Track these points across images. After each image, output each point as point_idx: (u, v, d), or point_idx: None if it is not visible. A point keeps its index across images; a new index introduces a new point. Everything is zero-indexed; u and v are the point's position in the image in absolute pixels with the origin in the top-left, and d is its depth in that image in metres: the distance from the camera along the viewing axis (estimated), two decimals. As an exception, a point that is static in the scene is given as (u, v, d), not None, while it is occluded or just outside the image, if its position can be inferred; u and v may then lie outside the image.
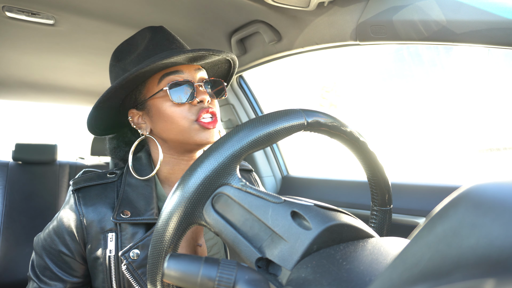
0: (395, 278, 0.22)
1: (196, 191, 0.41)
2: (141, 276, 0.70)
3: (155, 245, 0.42)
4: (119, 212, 0.73)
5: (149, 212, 0.74)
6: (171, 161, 0.81)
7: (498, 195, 0.20)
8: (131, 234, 0.73)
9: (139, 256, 0.71)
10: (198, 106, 0.76)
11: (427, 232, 0.22)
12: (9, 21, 1.13)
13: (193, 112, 0.76)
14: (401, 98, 2.21)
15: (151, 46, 0.79)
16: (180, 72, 0.78)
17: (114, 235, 0.73)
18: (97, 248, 0.73)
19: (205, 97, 0.76)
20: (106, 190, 0.77)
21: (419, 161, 2.06)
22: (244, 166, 1.00)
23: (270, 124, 0.43)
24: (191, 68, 0.80)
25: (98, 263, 0.73)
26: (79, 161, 2.51)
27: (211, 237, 0.84)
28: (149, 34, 0.82)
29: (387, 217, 0.60)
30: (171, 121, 0.75)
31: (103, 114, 0.81)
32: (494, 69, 1.36)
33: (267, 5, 1.05)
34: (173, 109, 0.75)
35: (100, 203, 0.75)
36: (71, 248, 0.73)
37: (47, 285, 0.74)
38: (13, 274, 1.96)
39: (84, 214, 0.73)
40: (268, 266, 0.39)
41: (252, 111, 1.81)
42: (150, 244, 0.43)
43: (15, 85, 1.92)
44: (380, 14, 0.87)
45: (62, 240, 0.74)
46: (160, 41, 0.81)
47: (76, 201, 0.75)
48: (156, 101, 0.77)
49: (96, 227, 0.73)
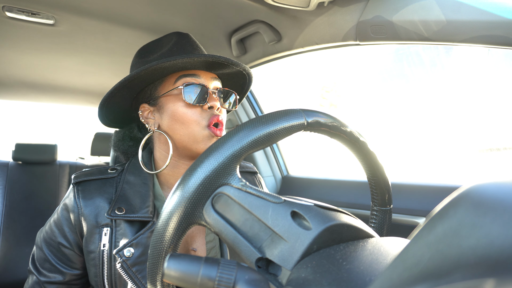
0: (395, 278, 0.22)
1: (196, 191, 0.41)
2: (136, 274, 0.71)
3: (155, 245, 0.42)
4: (114, 209, 0.74)
5: (144, 210, 0.75)
6: (172, 163, 0.82)
7: (498, 195, 0.20)
8: (125, 230, 0.74)
9: (134, 254, 0.71)
10: (209, 112, 0.78)
11: (427, 232, 0.22)
12: (9, 21, 1.13)
13: (204, 117, 0.77)
14: (401, 98, 2.21)
15: (175, 48, 0.82)
16: (197, 76, 0.80)
17: (109, 230, 0.74)
18: (92, 241, 0.74)
19: (216, 103, 0.78)
20: (105, 185, 0.79)
21: (419, 161, 2.06)
22: (249, 168, 1.01)
23: (270, 124, 0.43)
24: (208, 75, 0.82)
25: (91, 256, 0.74)
26: (79, 161, 2.51)
27: (210, 240, 0.84)
28: (175, 38, 0.85)
29: (387, 217, 0.60)
30: (181, 121, 0.77)
31: (115, 104, 0.83)
32: (494, 69, 1.36)
33: (267, 5, 1.05)
34: (185, 110, 0.77)
35: (98, 198, 0.76)
36: (70, 240, 0.75)
37: (46, 278, 0.75)
38: (13, 274, 1.96)
39: (82, 207, 0.75)
40: (268, 266, 0.39)
41: (252, 111, 1.81)
42: (150, 244, 0.43)
43: (15, 85, 1.92)
44: (380, 14, 0.87)
45: (61, 232, 0.76)
46: (184, 45, 0.84)
47: (75, 194, 0.76)
48: (169, 98, 0.79)
49: (92, 221, 0.74)
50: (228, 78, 0.91)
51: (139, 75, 0.75)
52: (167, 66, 0.75)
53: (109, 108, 0.83)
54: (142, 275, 0.71)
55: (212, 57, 0.76)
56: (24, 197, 2.12)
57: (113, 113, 0.86)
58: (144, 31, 1.25)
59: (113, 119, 0.89)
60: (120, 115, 0.88)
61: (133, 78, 0.75)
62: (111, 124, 0.91)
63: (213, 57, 0.76)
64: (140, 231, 0.74)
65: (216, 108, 0.78)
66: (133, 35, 1.28)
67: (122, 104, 0.84)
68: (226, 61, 0.78)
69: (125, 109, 0.87)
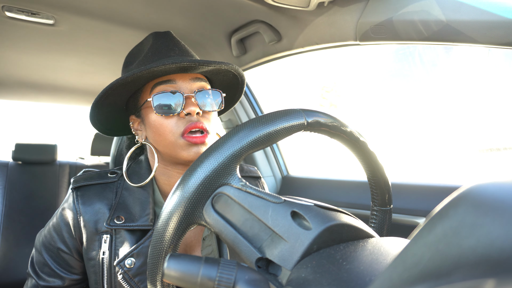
0: (395, 278, 0.22)
1: (196, 191, 0.41)
2: (138, 284, 0.69)
3: (155, 245, 0.42)
4: (113, 218, 0.72)
5: (144, 218, 0.73)
6: (166, 172, 0.79)
7: (498, 195, 0.20)
8: (125, 238, 0.72)
9: (135, 264, 0.70)
10: (186, 119, 0.72)
11: (427, 232, 0.22)
12: (9, 21, 1.13)
13: (180, 125, 0.72)
14: (401, 98, 2.21)
15: (150, 53, 0.77)
16: (172, 81, 0.73)
17: (108, 237, 0.72)
18: (92, 248, 0.72)
19: (194, 109, 0.71)
20: (105, 190, 0.77)
21: (419, 161, 2.06)
22: (252, 173, 0.97)
23: (270, 124, 0.43)
24: (186, 78, 0.75)
25: (91, 264, 0.72)
26: (79, 161, 2.51)
27: (209, 244, 0.83)
28: (151, 41, 0.80)
29: (387, 217, 0.60)
30: (158, 132, 0.73)
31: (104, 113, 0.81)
32: (494, 69, 1.36)
33: (267, 5, 1.05)
34: (160, 121, 0.72)
35: (98, 203, 0.74)
36: (69, 246, 0.74)
37: (45, 282, 0.74)
38: (13, 274, 1.96)
39: (82, 213, 0.73)
40: (268, 266, 0.39)
41: (252, 111, 1.81)
42: (150, 244, 0.43)
43: (15, 85, 1.92)
44: (380, 14, 0.87)
45: (60, 238, 0.74)
46: (159, 48, 0.78)
47: (74, 200, 0.74)
48: (147, 109, 0.75)
49: (92, 228, 0.72)
50: (214, 74, 0.82)
51: (107, 94, 0.72)
52: (136, 77, 0.69)
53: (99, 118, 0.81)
54: (144, 285, 0.70)
55: (174, 61, 0.68)
56: (24, 197, 2.12)
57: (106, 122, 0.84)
58: (144, 31, 1.25)
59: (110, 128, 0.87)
60: (115, 125, 0.87)
61: (100, 98, 0.72)
62: (108, 133, 0.88)
63: (173, 61, 0.68)
64: (141, 241, 0.71)
65: (195, 113, 0.72)
66: (133, 35, 1.28)
67: (113, 114, 0.82)
68: (192, 63, 0.70)
69: (119, 119, 0.85)
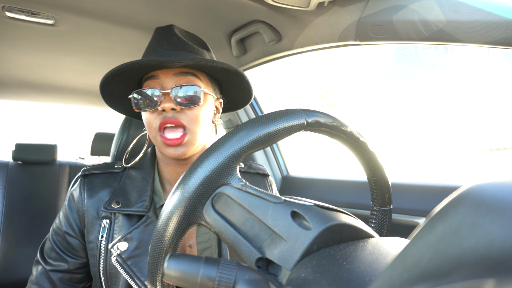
0: (395, 278, 0.22)
1: (196, 191, 0.41)
2: (131, 267, 0.72)
3: (155, 245, 0.42)
4: (111, 202, 0.77)
5: (139, 204, 0.77)
6: (169, 162, 0.83)
7: (498, 195, 0.20)
8: (122, 223, 0.76)
9: (128, 247, 0.73)
10: (162, 115, 0.73)
11: (427, 232, 0.22)
12: (9, 21, 1.13)
13: (157, 121, 0.73)
14: (401, 98, 2.21)
15: (147, 48, 0.81)
16: (156, 77, 0.74)
17: (108, 222, 0.77)
18: (92, 232, 0.77)
19: (168, 105, 0.70)
20: (109, 179, 0.82)
21: (419, 161, 2.06)
22: (260, 170, 0.98)
23: (270, 124, 0.43)
24: (169, 73, 0.74)
25: (90, 247, 0.77)
26: (79, 161, 2.51)
27: (204, 240, 0.84)
28: (155, 36, 0.83)
29: (387, 217, 0.60)
30: (145, 126, 0.78)
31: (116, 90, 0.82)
32: (494, 69, 1.36)
33: (267, 5, 1.05)
34: (144, 115, 0.76)
35: (101, 191, 0.80)
36: (74, 229, 0.79)
37: (51, 266, 0.79)
38: (13, 274, 1.96)
39: (86, 198, 0.79)
40: (268, 266, 0.39)
41: (252, 111, 1.81)
42: (150, 244, 0.43)
43: (15, 85, 1.92)
44: (380, 14, 0.87)
45: (67, 221, 0.80)
46: (151, 44, 0.81)
47: (81, 186, 0.81)
48: None
49: (93, 212, 0.78)
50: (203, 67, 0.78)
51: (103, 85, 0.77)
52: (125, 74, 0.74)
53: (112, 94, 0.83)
54: (137, 268, 0.72)
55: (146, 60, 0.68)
56: (24, 197, 2.12)
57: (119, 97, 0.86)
58: (144, 31, 1.25)
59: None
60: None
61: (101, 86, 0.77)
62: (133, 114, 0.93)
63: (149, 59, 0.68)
64: (135, 225, 0.75)
65: (170, 109, 0.71)
66: (133, 35, 1.28)
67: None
68: (160, 62, 0.69)
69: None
